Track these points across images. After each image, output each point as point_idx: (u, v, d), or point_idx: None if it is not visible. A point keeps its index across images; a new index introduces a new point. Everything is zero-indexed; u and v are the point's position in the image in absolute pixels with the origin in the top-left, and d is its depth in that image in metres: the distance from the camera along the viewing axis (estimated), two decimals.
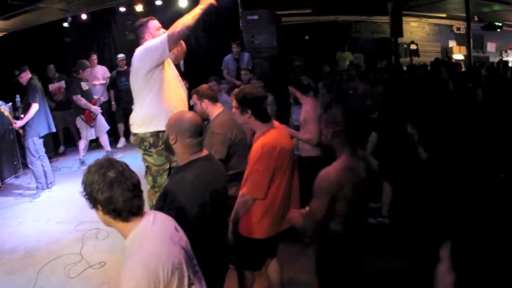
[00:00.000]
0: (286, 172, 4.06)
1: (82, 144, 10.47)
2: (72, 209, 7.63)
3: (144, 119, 5.19)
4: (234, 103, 4.06)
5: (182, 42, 5.44)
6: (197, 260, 2.73)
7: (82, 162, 10.42)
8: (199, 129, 3.42)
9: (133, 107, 5.36)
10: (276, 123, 4.23)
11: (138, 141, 5.30)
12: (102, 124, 10.64)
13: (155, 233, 2.44)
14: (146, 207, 2.54)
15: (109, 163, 2.42)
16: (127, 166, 2.48)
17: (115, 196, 2.33)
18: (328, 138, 3.60)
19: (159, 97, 5.10)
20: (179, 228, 2.67)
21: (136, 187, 2.42)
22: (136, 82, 5.20)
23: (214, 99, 5.31)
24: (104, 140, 10.78)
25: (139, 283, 2.21)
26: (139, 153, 5.29)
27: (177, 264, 2.39)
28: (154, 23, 5.32)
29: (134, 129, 5.31)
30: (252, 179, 3.89)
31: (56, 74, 11.74)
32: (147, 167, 5.34)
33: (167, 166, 5.30)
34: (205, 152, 3.53)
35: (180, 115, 3.56)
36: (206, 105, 5.15)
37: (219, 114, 5.24)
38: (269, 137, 3.96)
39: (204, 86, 5.43)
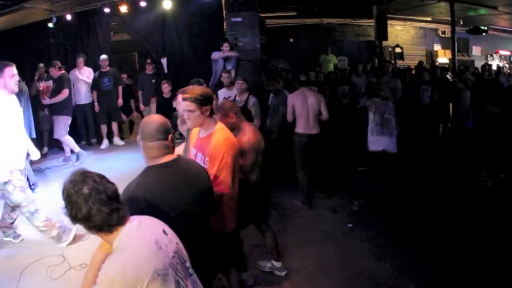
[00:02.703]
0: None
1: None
2: (54, 210, 7.57)
3: None
4: (190, 106, 3.97)
5: None
6: None
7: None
8: (160, 131, 3.26)
9: None
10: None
11: None
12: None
13: (139, 238, 2.41)
14: None
15: (82, 178, 2.38)
16: (101, 177, 2.45)
17: (91, 214, 2.32)
18: (234, 117, 4.96)
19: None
20: (168, 231, 2.62)
21: (113, 199, 2.39)
22: None
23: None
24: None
25: (111, 285, 2.21)
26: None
27: (161, 269, 2.35)
28: (9, 70, 5.68)
29: None
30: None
31: (45, 74, 11.63)
32: None
33: None
34: (171, 156, 3.33)
35: (145, 118, 3.46)
36: None
37: None
38: (229, 133, 4.20)
39: (191, 87, 5.46)
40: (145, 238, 2.43)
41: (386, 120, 7.41)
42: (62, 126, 10.17)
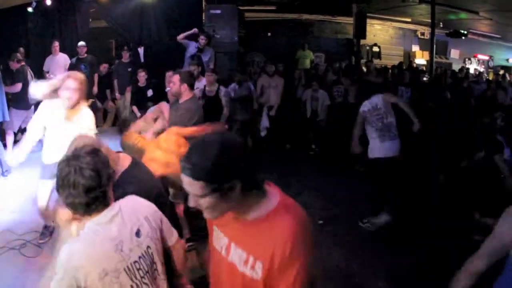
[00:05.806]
0: None
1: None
2: (27, 198, 7.33)
3: None
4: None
5: None
6: None
7: None
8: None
9: None
10: None
11: None
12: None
13: (100, 233, 2.37)
14: None
15: (73, 156, 2.35)
16: (86, 166, 2.30)
17: (59, 192, 2.35)
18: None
19: None
20: (145, 231, 2.53)
21: (77, 190, 2.28)
22: None
23: (192, 87, 6.18)
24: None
25: (58, 270, 2.30)
26: None
27: (111, 271, 2.34)
28: None
29: None
30: None
31: (24, 59, 11.38)
32: None
33: None
34: (126, 156, 3.32)
35: (76, 141, 3.11)
36: (184, 89, 5.98)
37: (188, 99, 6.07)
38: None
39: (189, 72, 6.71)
40: (106, 237, 2.38)
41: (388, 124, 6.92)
42: (13, 120, 9.55)
